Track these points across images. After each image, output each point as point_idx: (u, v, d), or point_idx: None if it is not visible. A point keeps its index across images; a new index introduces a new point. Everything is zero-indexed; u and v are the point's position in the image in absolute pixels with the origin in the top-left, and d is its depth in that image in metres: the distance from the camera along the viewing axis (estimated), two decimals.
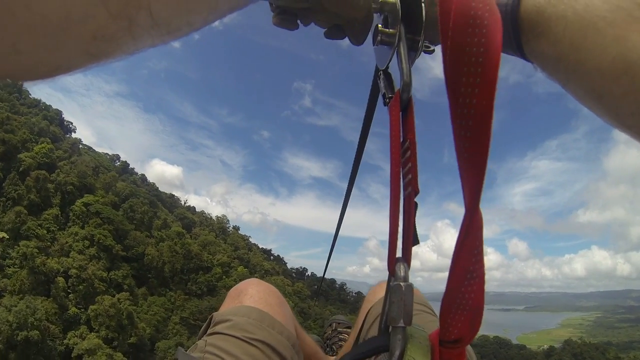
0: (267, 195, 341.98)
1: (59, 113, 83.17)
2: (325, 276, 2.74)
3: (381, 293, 1.29)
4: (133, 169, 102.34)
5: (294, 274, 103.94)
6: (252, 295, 1.05)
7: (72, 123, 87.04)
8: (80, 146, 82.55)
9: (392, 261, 0.50)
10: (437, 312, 1.25)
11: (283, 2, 0.62)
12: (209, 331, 0.96)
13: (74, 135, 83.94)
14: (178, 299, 60.58)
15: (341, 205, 1.41)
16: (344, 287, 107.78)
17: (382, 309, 0.55)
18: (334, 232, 1.67)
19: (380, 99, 0.62)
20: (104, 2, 0.23)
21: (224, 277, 69.30)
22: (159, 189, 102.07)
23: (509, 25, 0.44)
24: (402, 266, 0.49)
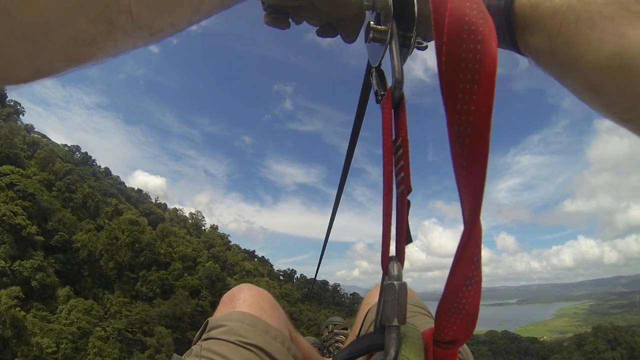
0: (252, 204, 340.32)
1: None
2: (316, 278, 2.50)
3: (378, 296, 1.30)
4: (94, 160, 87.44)
5: (281, 277, 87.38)
6: (244, 300, 1.05)
7: (20, 104, 72.21)
8: (35, 135, 68.02)
9: (385, 260, 0.50)
10: (431, 311, 1.23)
11: (274, 1, 0.62)
12: (203, 336, 0.96)
13: (22, 118, 69.45)
14: (114, 304, 43.63)
15: (328, 210, 1.40)
16: (338, 289, 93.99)
17: (377, 308, 0.55)
18: (321, 237, 1.59)
19: (372, 97, 0.60)
20: (82, 7, 0.24)
21: (186, 274, 52.77)
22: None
23: (503, 20, 0.44)
24: (395, 265, 0.49)
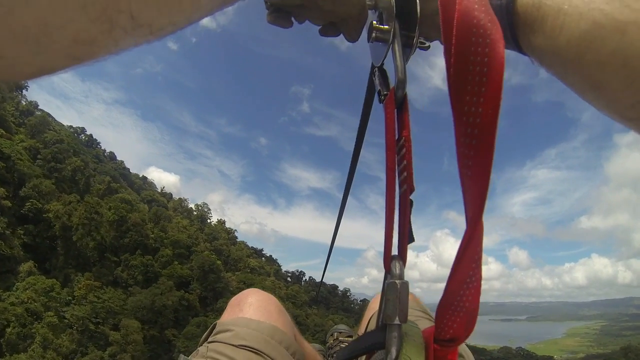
0: (265, 206, 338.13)
1: None
2: (324, 281, 2.40)
3: None
4: (99, 143, 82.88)
5: (289, 278, 78.66)
6: (251, 304, 1.06)
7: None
8: (38, 112, 63.80)
9: (387, 259, 0.51)
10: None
11: (277, 0, 0.63)
12: (209, 339, 0.98)
13: (25, 94, 65.39)
14: (81, 287, 36.24)
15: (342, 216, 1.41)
16: (348, 294, 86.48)
17: (379, 307, 0.55)
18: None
19: (376, 97, 0.61)
20: (83, 8, 0.24)
21: (175, 262, 45.09)
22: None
23: (504, 19, 0.44)
24: (397, 264, 0.49)
